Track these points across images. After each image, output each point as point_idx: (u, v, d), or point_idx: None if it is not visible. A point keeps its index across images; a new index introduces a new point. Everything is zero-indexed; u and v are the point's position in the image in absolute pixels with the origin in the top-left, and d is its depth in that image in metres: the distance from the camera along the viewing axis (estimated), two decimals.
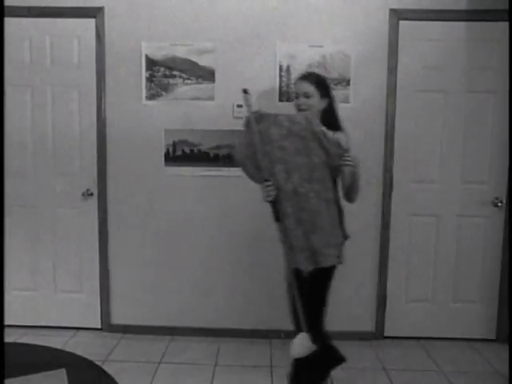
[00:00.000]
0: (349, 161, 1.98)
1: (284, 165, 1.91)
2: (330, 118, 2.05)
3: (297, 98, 2.06)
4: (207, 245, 2.90)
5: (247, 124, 1.98)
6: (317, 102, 2.02)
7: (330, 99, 2.06)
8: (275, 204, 1.96)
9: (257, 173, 1.98)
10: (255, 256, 2.87)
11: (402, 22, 2.72)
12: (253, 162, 1.96)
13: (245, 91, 2.02)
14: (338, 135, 2.00)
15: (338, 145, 1.94)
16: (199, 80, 2.77)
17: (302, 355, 1.93)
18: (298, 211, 1.94)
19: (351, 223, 2.84)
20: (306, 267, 1.95)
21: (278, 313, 2.90)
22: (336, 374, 2.48)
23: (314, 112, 2.01)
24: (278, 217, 1.98)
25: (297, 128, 1.90)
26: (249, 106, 1.99)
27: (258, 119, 1.95)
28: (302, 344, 1.95)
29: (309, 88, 2.01)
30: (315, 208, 1.93)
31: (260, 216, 2.86)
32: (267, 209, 2.84)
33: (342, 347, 2.80)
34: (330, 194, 1.96)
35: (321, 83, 2.05)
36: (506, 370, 2.45)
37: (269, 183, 1.92)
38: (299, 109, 2.04)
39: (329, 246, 1.96)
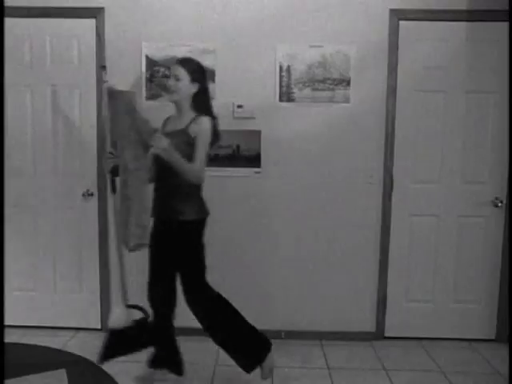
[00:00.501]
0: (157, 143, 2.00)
1: (122, 140, 2.03)
2: (199, 103, 2.15)
3: (167, 76, 2.22)
4: (207, 244, 2.89)
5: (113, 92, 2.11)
6: (186, 86, 2.10)
7: (201, 85, 2.14)
8: (113, 176, 2.10)
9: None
10: (254, 255, 2.87)
11: (402, 22, 2.72)
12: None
13: (103, 67, 2.23)
14: (202, 118, 2.10)
15: (146, 122, 2.10)
16: None
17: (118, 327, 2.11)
18: (124, 186, 2.03)
19: (351, 223, 2.87)
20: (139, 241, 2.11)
21: (278, 313, 2.90)
22: (337, 374, 2.49)
23: (183, 95, 2.12)
24: (113, 188, 2.15)
25: (123, 105, 2.04)
26: (105, 81, 2.17)
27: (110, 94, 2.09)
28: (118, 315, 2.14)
29: (180, 71, 2.10)
30: (138, 188, 2.04)
31: (259, 216, 2.87)
32: (267, 209, 2.85)
33: (343, 347, 2.81)
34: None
35: (194, 68, 2.13)
36: (505, 369, 2.45)
37: (109, 155, 2.07)
38: (168, 90, 2.16)
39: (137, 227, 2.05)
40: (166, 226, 2.15)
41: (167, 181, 2.10)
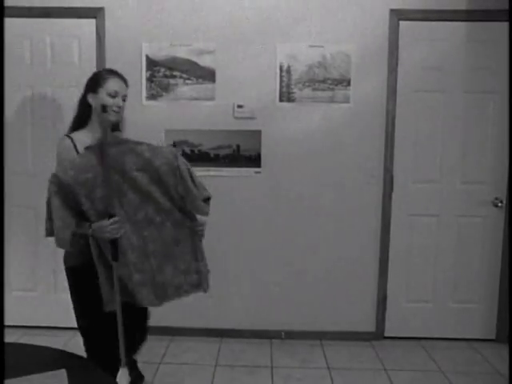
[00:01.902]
0: (204, 208, 1.86)
1: (135, 195, 1.73)
2: (116, 125, 1.96)
3: (113, 96, 1.82)
4: (207, 244, 2.89)
5: (96, 147, 1.73)
6: (124, 108, 1.92)
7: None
8: (115, 242, 1.72)
9: (66, 212, 1.78)
10: (254, 256, 2.87)
11: (402, 23, 2.72)
12: (82, 191, 1.71)
13: (104, 108, 1.80)
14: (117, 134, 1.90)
15: (203, 188, 1.87)
16: (199, 80, 2.77)
17: None
18: (148, 243, 1.78)
19: (351, 223, 2.87)
20: (148, 302, 1.86)
21: (278, 313, 2.90)
22: (337, 374, 2.49)
23: (121, 118, 1.94)
24: (116, 256, 1.74)
25: (158, 162, 1.74)
26: (108, 126, 1.78)
27: (111, 143, 1.73)
28: (126, 378, 1.85)
29: (126, 90, 1.90)
30: (172, 237, 1.83)
31: (259, 216, 2.87)
32: (267, 209, 2.85)
33: (343, 347, 2.81)
34: (179, 225, 1.85)
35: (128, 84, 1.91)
36: (505, 369, 2.45)
37: (116, 219, 1.69)
38: (116, 112, 1.84)
39: (187, 274, 1.91)
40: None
41: None
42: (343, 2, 2.72)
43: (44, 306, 2.97)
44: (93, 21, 2.76)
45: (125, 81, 1.91)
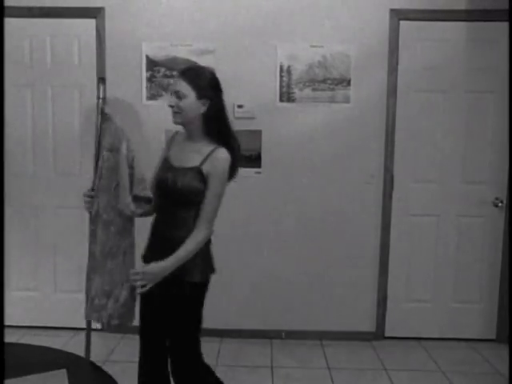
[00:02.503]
0: (129, 205, 1.66)
1: (103, 180, 1.71)
2: (212, 127, 1.66)
3: (171, 95, 1.68)
4: None
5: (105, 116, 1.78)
6: (191, 105, 1.61)
7: (212, 103, 1.65)
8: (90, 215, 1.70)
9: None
10: (255, 256, 2.87)
11: (402, 22, 2.72)
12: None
13: (101, 79, 1.87)
14: (217, 154, 1.64)
15: (143, 185, 1.67)
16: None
17: None
18: (92, 239, 1.72)
19: (351, 223, 2.86)
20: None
21: (279, 313, 2.90)
22: (337, 374, 2.49)
23: (190, 117, 1.63)
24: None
25: (117, 145, 1.70)
26: (101, 97, 1.84)
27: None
28: None
29: (182, 86, 1.61)
30: (110, 246, 1.70)
31: (259, 216, 2.87)
32: (267, 209, 2.85)
33: (343, 347, 2.81)
34: (128, 238, 1.71)
35: (200, 82, 1.64)
36: (506, 369, 2.45)
37: (91, 193, 1.70)
38: (173, 112, 1.65)
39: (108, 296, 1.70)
40: (167, 286, 1.62)
41: (171, 232, 1.65)
42: (343, 2, 2.72)
43: (44, 306, 2.96)
44: (93, 21, 2.76)
45: (183, 74, 1.67)
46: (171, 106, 1.65)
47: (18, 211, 2.89)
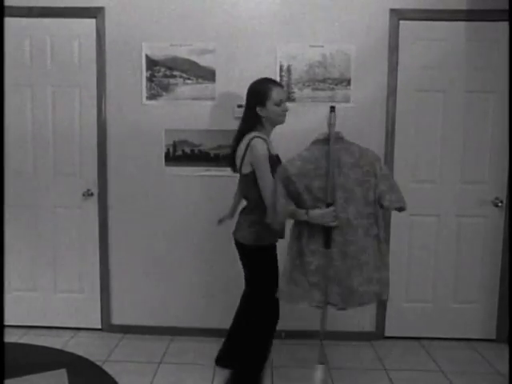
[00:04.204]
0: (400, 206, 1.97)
1: (344, 193, 1.90)
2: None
3: (279, 104, 2.10)
4: (208, 245, 2.90)
5: (322, 141, 1.95)
6: None
7: None
8: (329, 230, 1.91)
9: (287, 201, 1.92)
10: None
11: (402, 22, 2.72)
12: (303, 180, 1.89)
13: (332, 109, 1.99)
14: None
15: (400, 196, 1.96)
16: (199, 80, 2.77)
17: None
18: (346, 244, 1.91)
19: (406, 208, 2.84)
20: (338, 304, 1.96)
21: (279, 313, 2.89)
22: (337, 374, 2.49)
23: None
24: (329, 243, 1.92)
25: (364, 161, 1.93)
26: (333, 124, 1.96)
27: (334, 140, 1.94)
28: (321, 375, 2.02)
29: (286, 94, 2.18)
30: (362, 244, 1.92)
31: None
32: None
33: (343, 347, 2.81)
34: (376, 231, 1.96)
35: None
36: (506, 369, 2.46)
37: (334, 208, 1.88)
38: (284, 115, 2.14)
39: (369, 283, 1.94)
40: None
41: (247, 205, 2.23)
42: (343, 2, 2.72)
43: (44, 306, 2.97)
44: (93, 21, 2.76)
45: (280, 84, 2.21)
46: (285, 111, 2.15)
47: (17, 211, 2.90)
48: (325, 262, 1.91)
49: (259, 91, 2.12)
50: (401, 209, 1.99)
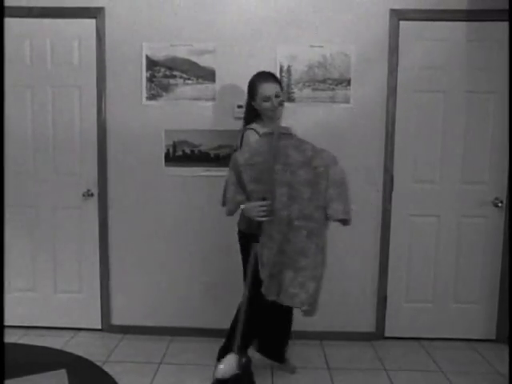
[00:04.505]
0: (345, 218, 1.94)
1: (289, 190, 1.86)
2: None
3: (267, 100, 2.09)
4: (208, 245, 2.90)
5: (269, 135, 1.93)
6: (283, 99, 2.19)
7: (284, 91, 2.27)
8: (259, 225, 1.90)
9: (237, 190, 1.93)
10: None
11: (402, 22, 2.72)
12: (250, 172, 1.88)
13: (281, 102, 2.05)
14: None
15: (347, 207, 1.94)
16: (200, 80, 2.77)
17: (226, 376, 1.96)
18: (283, 242, 1.89)
19: (351, 223, 2.86)
20: (270, 297, 1.99)
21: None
22: (336, 374, 2.49)
23: (282, 109, 2.11)
24: (258, 239, 1.92)
25: (318, 162, 1.87)
26: (279, 118, 2.00)
27: (280, 136, 1.92)
28: (230, 364, 1.98)
29: (277, 87, 2.12)
30: (302, 246, 1.89)
31: None
32: None
33: (343, 347, 2.81)
34: (321, 239, 1.93)
35: (279, 79, 2.21)
36: (506, 370, 2.45)
37: (265, 203, 1.86)
38: (274, 110, 2.08)
39: (301, 289, 1.93)
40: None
41: None
42: (343, 2, 2.72)
43: (44, 306, 2.97)
44: (93, 21, 2.76)
45: (275, 79, 2.17)
46: (273, 108, 2.07)
47: (17, 211, 2.90)
48: (260, 256, 1.94)
49: (249, 86, 2.19)
50: (344, 221, 1.93)
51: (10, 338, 2.78)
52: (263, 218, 1.87)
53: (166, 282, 2.91)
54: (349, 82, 2.76)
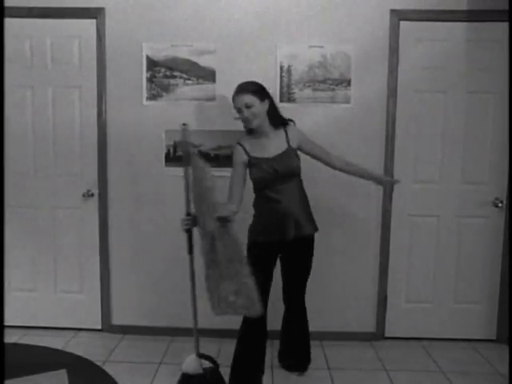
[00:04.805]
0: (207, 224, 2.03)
1: (201, 205, 2.02)
2: (274, 117, 2.21)
3: (239, 112, 2.14)
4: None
5: (192, 158, 2.04)
6: (260, 108, 2.13)
7: (269, 100, 2.19)
8: (189, 234, 2.14)
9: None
10: None
11: (402, 23, 2.72)
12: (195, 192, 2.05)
13: (184, 124, 2.08)
14: (292, 127, 2.26)
15: (213, 209, 2.02)
16: (200, 80, 2.77)
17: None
18: (212, 251, 2.02)
19: (351, 223, 2.87)
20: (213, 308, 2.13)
21: (279, 313, 2.90)
22: (336, 374, 2.49)
23: (261, 117, 2.15)
24: (190, 249, 2.18)
25: (200, 174, 2.02)
26: (188, 140, 2.09)
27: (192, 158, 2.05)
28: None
29: (247, 98, 2.10)
30: (226, 254, 2.01)
31: None
32: None
33: (343, 347, 2.81)
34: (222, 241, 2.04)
35: (256, 89, 2.14)
36: (506, 370, 2.45)
37: (188, 217, 2.08)
38: (247, 121, 2.13)
39: (236, 295, 2.02)
40: None
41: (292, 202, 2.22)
42: (343, 2, 2.72)
43: (44, 305, 2.97)
44: (93, 21, 2.76)
45: (241, 90, 2.13)
46: (244, 118, 2.13)
47: (17, 211, 2.90)
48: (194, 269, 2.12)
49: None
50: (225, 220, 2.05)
51: (10, 338, 2.78)
52: (185, 228, 2.13)
53: (166, 282, 2.91)
54: (349, 82, 2.76)
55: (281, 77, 2.75)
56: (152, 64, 2.77)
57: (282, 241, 2.19)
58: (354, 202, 2.84)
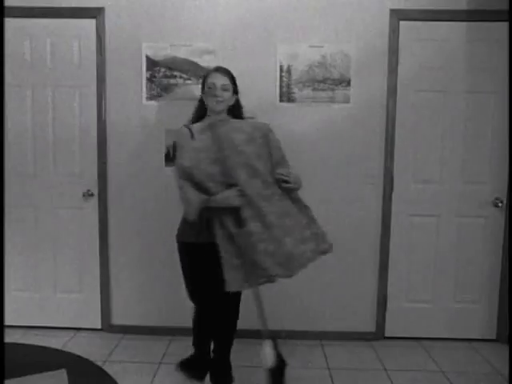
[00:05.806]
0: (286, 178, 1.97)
1: (245, 169, 1.89)
2: (237, 113, 2.14)
3: (211, 88, 2.03)
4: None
5: (209, 128, 1.96)
6: (230, 97, 2.08)
7: (237, 96, 2.15)
8: (237, 210, 1.89)
9: (196, 191, 1.90)
10: None
11: (402, 23, 2.72)
12: (200, 170, 1.88)
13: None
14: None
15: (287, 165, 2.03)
16: (200, 80, 2.76)
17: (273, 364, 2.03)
18: (263, 215, 1.89)
19: (351, 223, 2.87)
20: (277, 273, 1.92)
21: (279, 313, 2.90)
22: (337, 374, 2.49)
23: (226, 106, 2.07)
24: (241, 223, 1.90)
25: (258, 133, 1.96)
26: (216, 114, 2.06)
27: (212, 126, 1.96)
28: (271, 353, 2.08)
29: (227, 81, 2.06)
30: (282, 210, 1.93)
31: None
32: None
33: (343, 347, 2.81)
34: (292, 194, 2.01)
35: (234, 80, 2.11)
36: (506, 370, 2.46)
37: (238, 187, 1.88)
38: (217, 100, 2.02)
39: (302, 243, 1.94)
40: None
41: None
42: (343, 2, 2.72)
43: (44, 306, 2.97)
44: (93, 21, 2.76)
45: (223, 71, 2.09)
46: (216, 97, 2.02)
47: (18, 211, 2.90)
48: (249, 240, 1.86)
49: (202, 78, 2.15)
50: (287, 182, 1.96)
51: (10, 337, 2.78)
52: (239, 203, 1.87)
53: (166, 282, 2.91)
54: (349, 82, 2.76)
55: (280, 77, 2.75)
56: (152, 64, 2.77)
57: None
58: (354, 203, 2.84)
